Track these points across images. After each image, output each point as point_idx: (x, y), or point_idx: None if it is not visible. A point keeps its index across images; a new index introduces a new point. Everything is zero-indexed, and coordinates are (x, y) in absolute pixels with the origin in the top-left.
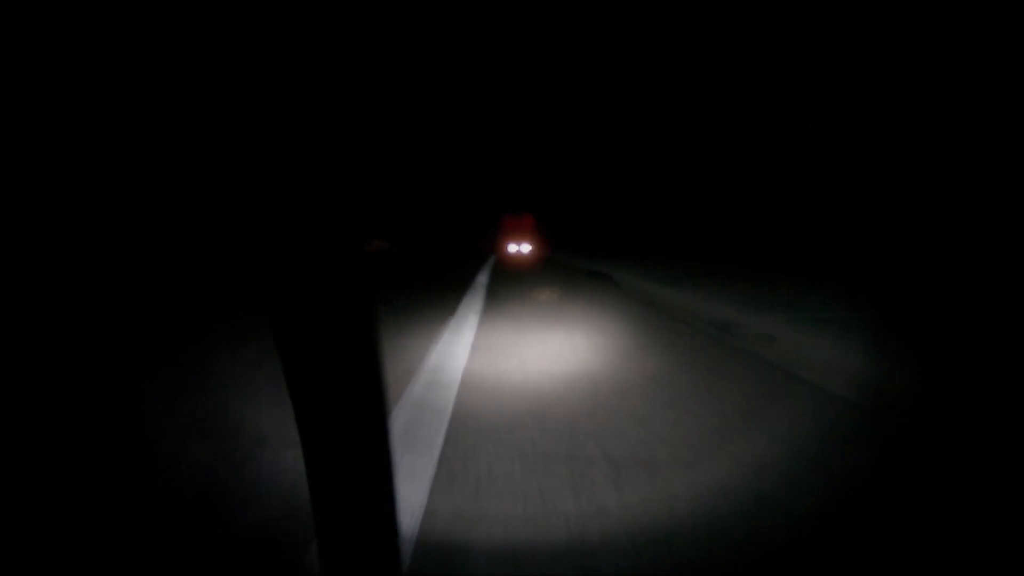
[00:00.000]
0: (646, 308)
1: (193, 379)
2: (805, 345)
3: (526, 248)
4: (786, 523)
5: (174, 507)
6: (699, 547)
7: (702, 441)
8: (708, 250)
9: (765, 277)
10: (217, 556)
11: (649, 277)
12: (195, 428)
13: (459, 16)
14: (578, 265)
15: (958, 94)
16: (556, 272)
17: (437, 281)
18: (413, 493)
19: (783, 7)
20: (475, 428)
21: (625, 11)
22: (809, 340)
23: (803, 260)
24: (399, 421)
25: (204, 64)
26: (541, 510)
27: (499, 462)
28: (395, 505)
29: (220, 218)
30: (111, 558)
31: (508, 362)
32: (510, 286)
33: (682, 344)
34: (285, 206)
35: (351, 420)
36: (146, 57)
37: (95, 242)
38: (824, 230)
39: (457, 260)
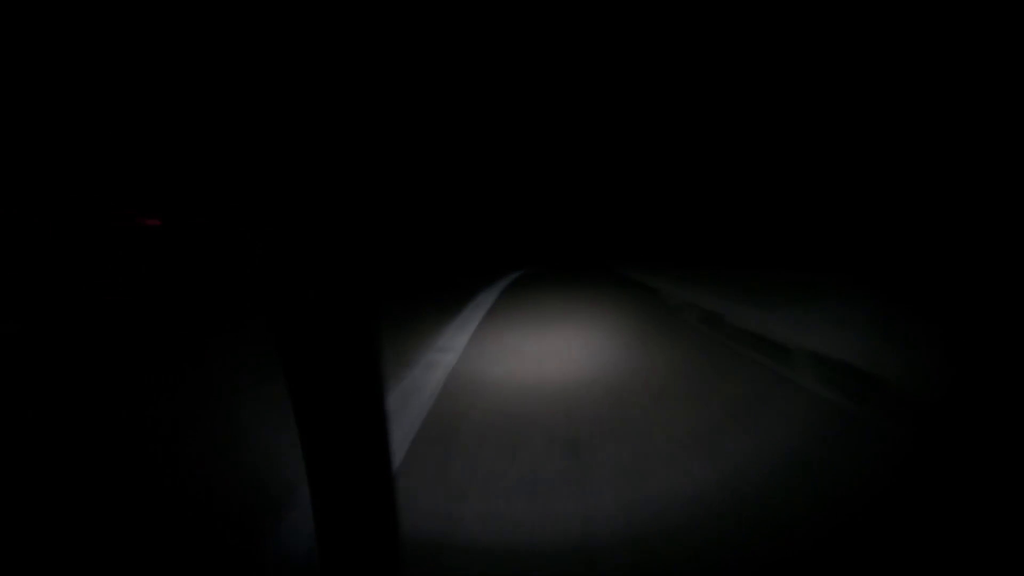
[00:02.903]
0: None
1: (193, 380)
2: None
3: None
4: None
5: (175, 508)
6: None
7: None
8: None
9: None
10: (218, 556)
11: None
12: (195, 429)
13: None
14: None
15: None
16: None
17: None
18: None
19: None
20: None
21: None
22: None
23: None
24: None
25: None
26: None
27: None
28: (395, 505)
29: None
30: (115, 558)
31: None
32: None
33: None
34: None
35: (351, 421)
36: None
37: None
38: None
39: None
